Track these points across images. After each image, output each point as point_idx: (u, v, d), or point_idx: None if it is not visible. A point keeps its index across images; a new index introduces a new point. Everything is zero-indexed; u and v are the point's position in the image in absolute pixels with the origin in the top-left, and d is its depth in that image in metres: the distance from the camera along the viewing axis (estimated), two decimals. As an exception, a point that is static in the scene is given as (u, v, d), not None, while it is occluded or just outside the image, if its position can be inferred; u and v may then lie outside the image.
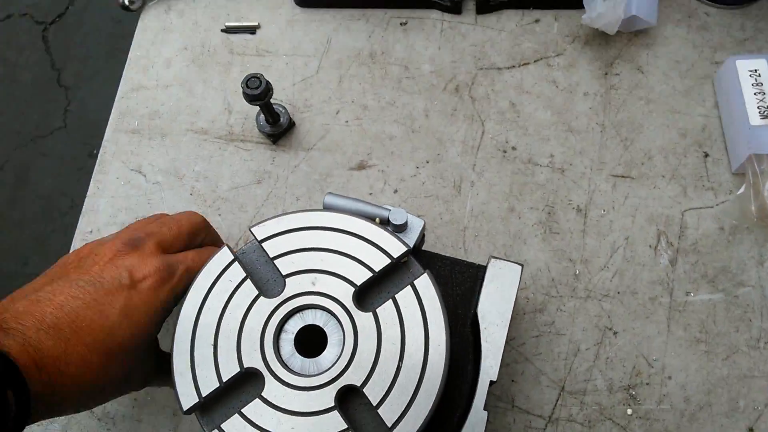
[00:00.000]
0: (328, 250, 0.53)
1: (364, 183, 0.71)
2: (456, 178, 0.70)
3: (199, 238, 0.58)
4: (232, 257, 0.52)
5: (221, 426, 0.49)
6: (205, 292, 0.52)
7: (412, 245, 0.55)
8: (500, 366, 0.59)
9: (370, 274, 0.52)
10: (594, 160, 0.70)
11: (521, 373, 0.63)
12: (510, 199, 0.69)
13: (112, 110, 0.75)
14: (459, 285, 0.57)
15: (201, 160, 0.73)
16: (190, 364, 0.50)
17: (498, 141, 0.72)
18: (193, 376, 0.50)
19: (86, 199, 0.72)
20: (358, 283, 0.52)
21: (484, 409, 0.51)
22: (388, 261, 0.52)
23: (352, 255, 0.53)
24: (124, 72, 0.77)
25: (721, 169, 0.69)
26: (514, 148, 0.71)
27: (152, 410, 0.63)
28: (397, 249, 0.53)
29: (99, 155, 0.74)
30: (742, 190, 0.66)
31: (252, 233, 0.53)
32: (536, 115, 0.72)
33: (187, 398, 0.50)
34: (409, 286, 0.52)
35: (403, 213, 0.55)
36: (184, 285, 0.52)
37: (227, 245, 0.53)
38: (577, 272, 0.66)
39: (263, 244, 0.53)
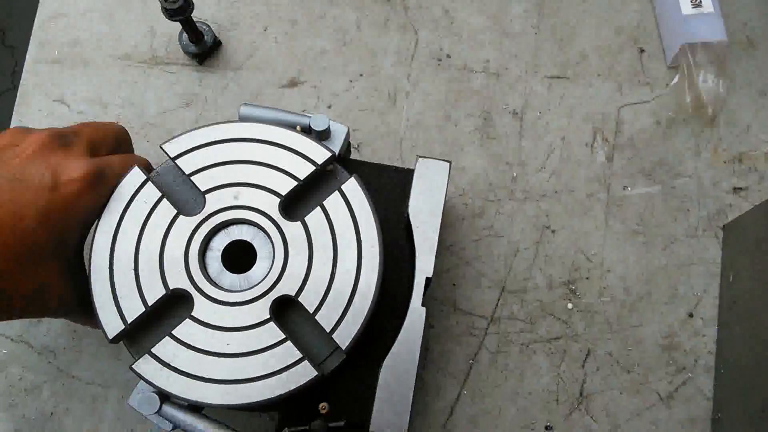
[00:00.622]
0: (248, 162, 0.51)
1: (297, 100, 0.69)
2: (390, 90, 0.69)
3: (123, 147, 0.54)
4: (144, 177, 0.50)
5: (152, 350, 0.47)
6: (119, 217, 0.49)
7: (337, 152, 0.53)
8: (441, 270, 0.59)
9: (295, 183, 0.50)
10: (529, 63, 0.69)
11: (462, 277, 0.62)
12: (446, 107, 0.68)
13: (30, 40, 0.72)
14: (389, 190, 0.55)
15: (126, 86, 0.70)
16: (111, 291, 0.48)
17: (432, 49, 0.70)
18: (116, 302, 0.48)
19: (10, 134, 0.69)
20: (284, 193, 0.50)
21: (423, 305, 0.51)
22: (313, 168, 0.50)
23: (275, 165, 0.51)
24: (41, 0, 0.74)
25: (657, 64, 0.69)
26: (448, 56, 0.70)
27: (92, 340, 0.62)
28: (321, 155, 0.51)
29: (19, 87, 0.71)
30: (675, 80, 0.65)
31: (164, 150, 0.50)
32: (470, 20, 0.71)
33: (112, 326, 0.48)
34: (336, 192, 0.50)
35: (324, 119, 0.53)
36: (110, 194, 0.49)
37: (138, 166, 0.50)
38: (515, 175, 0.65)
39: (177, 161, 0.50)
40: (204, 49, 0.69)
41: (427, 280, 0.51)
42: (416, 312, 0.51)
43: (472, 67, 0.69)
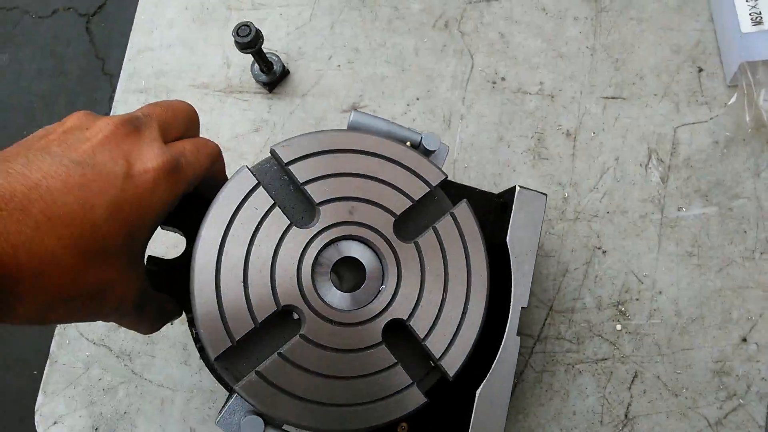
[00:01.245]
0: (363, 176, 0.48)
1: (357, 123, 0.72)
2: (446, 113, 0.71)
3: (193, 130, 0.48)
4: (256, 181, 0.46)
5: (258, 369, 0.44)
6: (228, 221, 0.45)
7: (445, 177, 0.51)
8: None
9: (409, 203, 0.48)
10: (584, 84, 0.70)
11: (511, 296, 0.64)
12: (499, 129, 0.70)
13: (121, 72, 0.80)
14: (483, 215, 0.54)
15: (203, 113, 0.76)
16: (217, 304, 0.44)
17: (487, 73, 0.72)
18: (222, 317, 0.44)
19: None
20: (398, 212, 0.48)
21: (517, 335, 0.50)
22: (427, 189, 0.49)
23: (390, 182, 0.48)
24: (131, 35, 0.81)
25: (715, 83, 0.68)
26: (503, 79, 0.71)
27: (163, 346, 0.68)
28: (435, 176, 0.49)
29: (111, 114, 0.79)
30: (734, 99, 0.64)
31: (276, 154, 0.47)
32: (526, 44, 0.72)
33: (218, 343, 0.44)
34: (449, 215, 0.49)
35: (436, 139, 0.52)
36: (187, 185, 0.43)
37: (246, 165, 0.46)
38: (566, 195, 0.66)
39: (290, 167, 0.47)
40: (273, 78, 0.74)
41: (522, 309, 0.51)
42: (511, 340, 0.50)
43: (527, 90, 0.71)
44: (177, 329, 0.68)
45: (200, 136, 0.49)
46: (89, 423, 0.66)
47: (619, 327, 0.61)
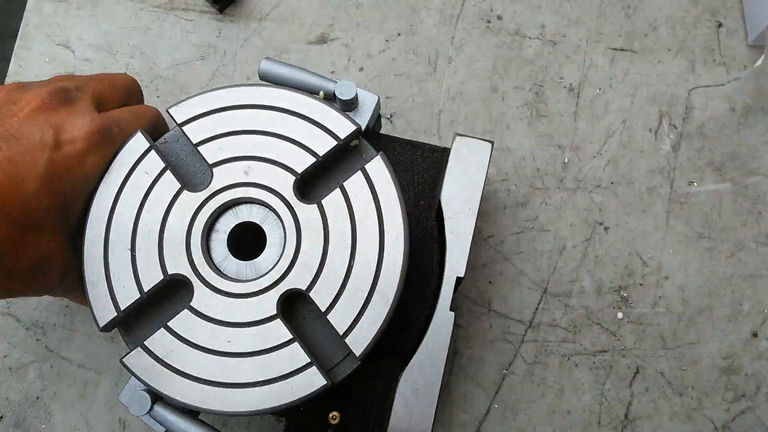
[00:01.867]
0: (263, 133, 0.44)
1: (325, 59, 0.61)
2: (431, 54, 0.61)
3: (133, 101, 0.48)
4: (148, 145, 0.44)
5: (144, 343, 0.42)
6: (118, 188, 0.43)
7: (363, 126, 0.46)
8: (476, 265, 0.52)
9: (313, 160, 0.44)
10: (591, 31, 0.60)
11: (499, 274, 0.56)
12: (493, 77, 0.60)
13: (31, -26, 0.64)
14: (421, 172, 0.48)
15: (137, 32, 0.63)
16: (104, 272, 0.43)
17: (481, 8, 0.62)
18: (109, 286, 0.43)
19: (6, 79, 0.63)
20: (300, 170, 0.44)
21: (451, 309, 0.45)
22: (335, 143, 0.44)
23: (292, 138, 0.44)
24: (43, -72, 0.66)
25: (736, 42, 0.60)
26: (499, 18, 0.61)
27: (85, 318, 0.56)
28: (345, 129, 0.44)
29: (21, 28, 0.64)
30: (759, 62, 0.56)
31: (170, 115, 0.44)
32: (525, -22, 0.62)
33: (104, 312, 0.42)
34: (359, 172, 0.44)
35: (352, 86, 0.45)
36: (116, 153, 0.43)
37: (141, 131, 0.44)
38: (566, 160, 0.58)
39: (184, 128, 0.44)
40: (224, -5, 0.61)
41: (458, 280, 0.44)
42: (444, 316, 0.44)
43: (526, 33, 0.61)
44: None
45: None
46: (-10, 409, 0.54)
47: (620, 315, 0.54)
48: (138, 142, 0.44)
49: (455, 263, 0.45)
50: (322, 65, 0.61)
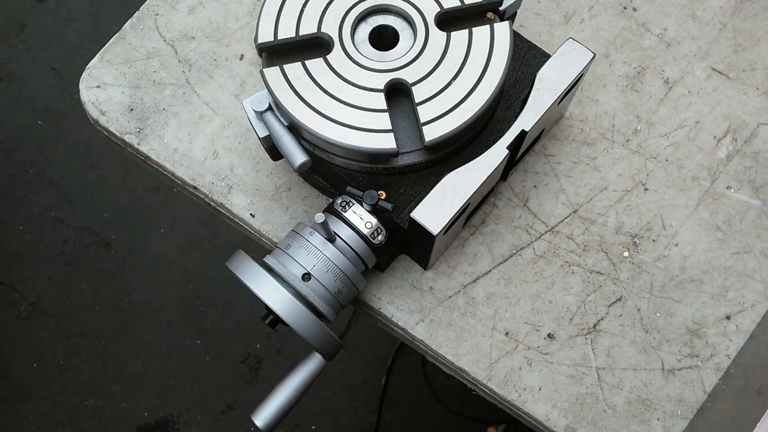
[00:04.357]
0: None
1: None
2: (569, 10, 0.73)
3: None
4: None
5: (283, 66, 0.55)
6: None
7: (504, 6, 0.58)
8: (530, 170, 0.63)
9: (459, 4, 0.56)
10: (701, 49, 0.71)
11: (545, 184, 0.66)
12: (609, 47, 0.71)
13: None
14: (527, 64, 0.60)
15: None
16: (278, 9, 0.56)
17: (622, -2, 0.74)
18: (277, 19, 0.56)
19: None
20: (445, 6, 0.56)
21: (507, 148, 0.55)
22: (479, 0, 0.56)
23: None
24: None
25: (816, 106, 0.69)
26: (634, 9, 0.73)
27: (224, 73, 0.70)
28: None
29: None
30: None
31: None
32: (668, -8, 0.74)
33: (265, 36, 0.56)
34: (487, 26, 0.56)
35: None
36: None
37: None
38: (638, 128, 0.68)
39: None
40: None
41: (522, 132, 0.55)
42: (498, 150, 0.55)
43: (650, 28, 0.72)
44: (243, 68, 0.70)
45: None
46: (127, 101, 0.68)
47: (626, 254, 0.64)
48: None
49: (526, 119, 0.56)
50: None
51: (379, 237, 0.56)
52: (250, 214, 0.64)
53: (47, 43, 1.73)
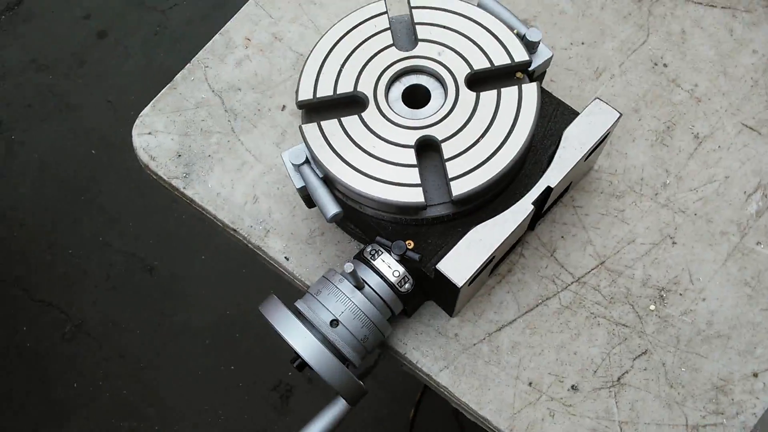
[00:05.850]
0: (463, 35, 0.61)
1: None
2: (600, 66, 0.75)
3: None
4: (385, 10, 0.62)
5: (320, 122, 0.58)
6: (351, 27, 0.61)
7: (533, 67, 0.61)
8: (557, 220, 0.65)
9: (488, 65, 0.59)
10: (732, 104, 0.72)
11: (573, 235, 0.67)
12: (639, 102, 0.73)
13: None
14: (555, 121, 0.62)
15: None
16: (318, 68, 0.60)
17: (654, 54, 0.75)
18: (317, 78, 0.60)
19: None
20: (476, 68, 0.59)
21: (532, 204, 0.57)
22: (508, 61, 0.59)
23: (481, 46, 0.60)
24: None
25: None
26: (665, 65, 0.74)
27: (267, 123, 0.73)
28: (520, 55, 0.59)
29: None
30: None
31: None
32: (700, 48, 0.75)
33: (305, 93, 0.59)
34: (516, 87, 0.58)
35: (538, 33, 0.61)
36: None
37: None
38: (667, 182, 0.69)
39: (413, 10, 0.61)
40: None
41: (548, 188, 0.57)
42: (523, 205, 0.57)
43: (681, 84, 0.73)
44: (285, 118, 0.73)
45: None
46: (176, 147, 0.72)
47: (652, 307, 0.64)
48: (379, 5, 0.62)
49: (552, 176, 0.58)
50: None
51: (406, 285, 0.58)
52: (285, 257, 0.67)
53: (104, 77, 1.81)
